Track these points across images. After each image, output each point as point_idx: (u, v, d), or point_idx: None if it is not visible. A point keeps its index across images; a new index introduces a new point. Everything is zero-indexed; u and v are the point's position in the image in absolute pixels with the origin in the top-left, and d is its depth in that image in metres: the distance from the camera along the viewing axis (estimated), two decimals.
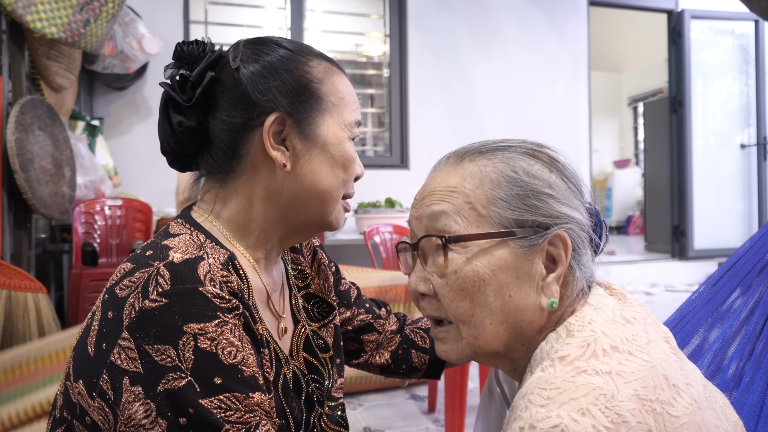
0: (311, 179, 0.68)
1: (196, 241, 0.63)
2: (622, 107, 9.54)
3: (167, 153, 0.70)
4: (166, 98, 0.68)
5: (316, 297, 0.83)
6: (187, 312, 0.54)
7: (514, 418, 0.50)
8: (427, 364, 0.91)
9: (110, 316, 0.56)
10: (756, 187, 5.05)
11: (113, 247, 3.03)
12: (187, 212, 0.70)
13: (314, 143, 0.68)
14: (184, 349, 0.53)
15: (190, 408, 0.52)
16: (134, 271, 0.58)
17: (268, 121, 0.65)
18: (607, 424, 0.45)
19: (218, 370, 0.54)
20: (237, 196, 0.68)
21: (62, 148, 2.48)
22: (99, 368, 0.55)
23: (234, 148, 0.67)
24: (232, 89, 0.66)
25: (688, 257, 4.91)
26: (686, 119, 4.89)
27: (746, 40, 5.10)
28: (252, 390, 0.56)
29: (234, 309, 0.58)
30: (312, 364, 0.75)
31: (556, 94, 4.66)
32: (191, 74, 0.66)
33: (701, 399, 0.54)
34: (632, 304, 0.61)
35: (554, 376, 0.50)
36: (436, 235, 0.60)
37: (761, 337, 1.02)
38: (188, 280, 0.56)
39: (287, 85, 0.67)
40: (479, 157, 0.62)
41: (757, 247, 1.15)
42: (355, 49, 4.90)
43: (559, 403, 0.47)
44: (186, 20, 3.87)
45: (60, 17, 2.30)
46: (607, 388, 0.47)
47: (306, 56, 0.69)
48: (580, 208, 0.61)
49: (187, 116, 0.66)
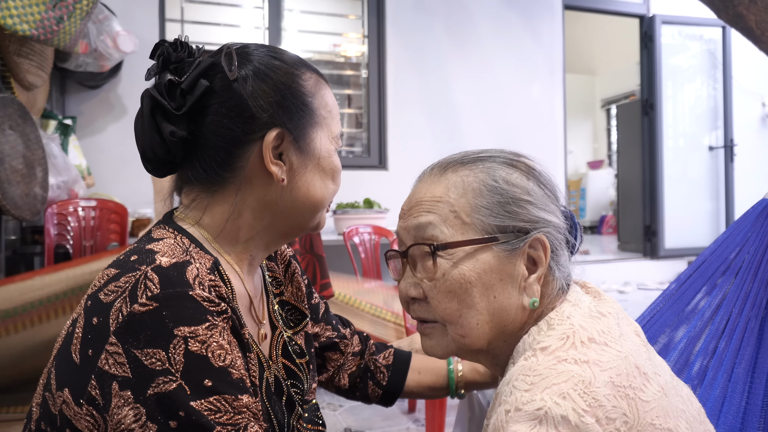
0: (305, 192, 0.69)
1: (182, 246, 0.62)
2: (595, 109, 9.72)
3: (150, 161, 0.68)
4: (152, 105, 0.64)
5: (289, 304, 0.84)
6: (177, 315, 0.54)
7: (499, 403, 0.53)
8: (380, 396, 0.93)
9: (95, 322, 0.56)
10: (723, 187, 5.21)
11: (87, 249, 2.98)
12: (169, 217, 0.70)
13: (309, 157, 0.69)
14: (174, 353, 0.53)
15: (181, 411, 0.53)
16: (119, 276, 0.57)
17: (269, 137, 0.65)
18: (584, 407, 0.49)
19: (208, 372, 0.54)
20: (225, 204, 0.67)
21: (34, 148, 2.43)
22: (86, 375, 0.55)
23: (229, 161, 0.66)
24: (228, 100, 0.65)
25: (659, 256, 5.04)
26: (657, 122, 5.02)
27: (714, 45, 5.25)
28: (240, 392, 0.56)
29: (223, 312, 0.58)
30: (290, 369, 0.76)
31: (532, 95, 4.73)
32: (180, 80, 0.64)
33: (669, 387, 0.59)
34: (606, 300, 0.65)
35: (537, 364, 0.54)
36: (424, 243, 0.63)
37: (723, 335, 1.07)
38: (178, 283, 0.56)
39: (287, 100, 0.67)
40: (461, 167, 0.65)
41: (721, 249, 1.20)
42: (333, 50, 4.89)
43: (542, 388, 0.51)
44: (162, 18, 3.82)
45: (32, 14, 2.26)
46: (585, 375, 0.52)
47: (299, 69, 0.70)
48: (556, 212, 0.66)
49: (178, 125, 0.64)
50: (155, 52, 0.66)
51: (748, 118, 5.42)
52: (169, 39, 0.67)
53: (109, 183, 3.55)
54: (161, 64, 0.65)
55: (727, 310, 1.11)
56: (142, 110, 0.66)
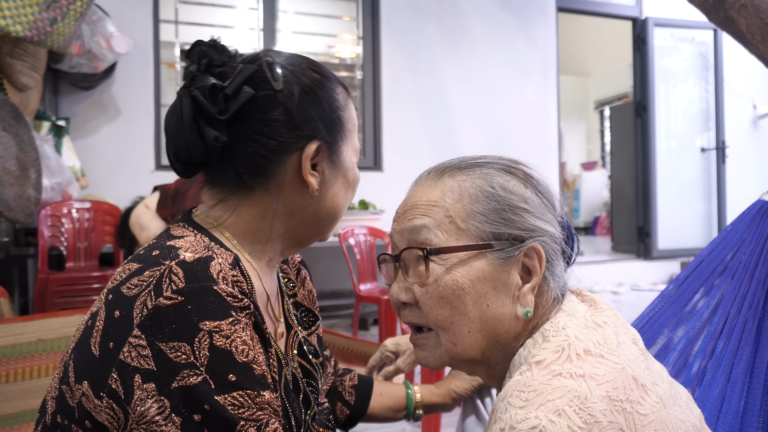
0: (333, 202, 0.71)
1: (202, 242, 0.63)
2: (589, 111, 9.78)
3: (183, 162, 0.67)
4: (194, 107, 0.64)
5: (302, 306, 0.85)
6: (202, 309, 0.55)
7: (495, 420, 0.52)
8: (346, 417, 0.95)
9: (117, 315, 0.56)
10: (716, 189, 5.25)
11: (81, 251, 2.96)
12: (188, 216, 0.70)
13: (339, 170, 0.71)
14: (199, 346, 0.54)
15: (206, 404, 0.53)
16: (143, 270, 0.58)
17: (310, 149, 0.67)
18: (580, 424, 0.48)
19: (232, 367, 0.55)
20: (252, 208, 0.68)
21: (27, 150, 2.42)
22: (107, 367, 0.55)
23: (267, 167, 0.66)
24: (272, 110, 0.65)
25: (652, 257, 5.07)
26: (650, 123, 5.05)
27: (706, 47, 5.29)
28: (262, 388, 0.57)
29: (246, 308, 0.59)
30: (305, 368, 0.77)
31: (526, 97, 4.75)
32: (224, 85, 0.64)
33: (667, 396, 0.58)
34: (602, 309, 0.64)
35: (532, 379, 0.53)
36: (417, 247, 0.62)
37: (722, 336, 1.08)
38: (202, 278, 0.57)
39: (326, 114, 0.68)
40: (458, 172, 0.64)
41: (717, 250, 1.21)
42: (328, 51, 4.89)
43: (536, 405, 0.50)
44: (156, 19, 3.80)
45: (25, 15, 2.24)
46: (581, 390, 0.50)
47: (333, 82, 0.71)
48: (553, 221, 0.65)
49: (220, 130, 0.64)
50: (192, 52, 0.66)
51: (739, 120, 5.47)
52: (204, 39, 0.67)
53: (103, 184, 3.53)
54: (204, 67, 0.65)
55: (724, 311, 1.12)
56: (181, 111, 0.65)
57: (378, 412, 0.96)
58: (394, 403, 0.97)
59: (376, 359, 1.05)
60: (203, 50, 0.65)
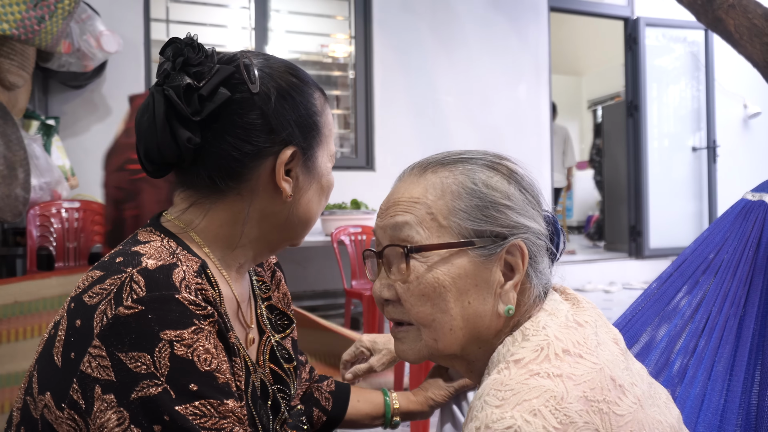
0: (306, 208, 0.70)
1: (168, 248, 0.62)
2: (582, 110, 9.80)
3: (154, 162, 0.65)
4: (167, 106, 0.62)
5: (276, 309, 0.84)
6: (163, 318, 0.54)
7: (471, 418, 0.52)
8: (323, 423, 0.94)
9: (78, 324, 0.55)
10: (707, 188, 5.28)
11: (70, 251, 2.94)
12: (156, 220, 0.69)
13: (313, 176, 0.70)
14: (160, 356, 0.53)
15: (165, 415, 0.52)
16: (104, 278, 0.57)
17: (285, 154, 0.66)
18: (556, 425, 0.48)
19: (194, 376, 0.54)
20: (224, 212, 0.67)
21: (15, 149, 2.40)
22: (68, 378, 0.54)
23: (240, 171, 0.65)
24: (248, 113, 0.64)
25: (644, 256, 5.09)
26: (642, 123, 5.07)
27: (697, 47, 5.32)
28: (226, 397, 0.56)
29: (209, 316, 0.58)
30: (277, 374, 0.76)
31: (519, 96, 4.75)
32: (199, 85, 0.62)
33: (645, 397, 0.58)
34: (584, 308, 0.64)
35: (509, 378, 0.53)
36: (399, 244, 0.62)
37: (703, 334, 1.09)
38: (164, 286, 0.55)
39: (302, 118, 0.67)
40: (441, 168, 0.64)
41: (701, 248, 1.22)
42: (321, 50, 4.88)
43: (512, 405, 0.49)
44: (146, 18, 3.78)
45: (12, 13, 2.23)
46: (558, 391, 0.50)
47: (310, 86, 0.70)
48: (537, 218, 0.64)
49: (193, 131, 0.63)
50: (167, 49, 0.63)
51: (730, 120, 5.50)
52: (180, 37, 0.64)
53: (93, 184, 3.50)
54: (180, 65, 0.62)
55: (707, 309, 1.13)
56: (154, 110, 0.62)
57: (355, 418, 0.95)
58: (371, 410, 0.96)
59: (350, 354, 1.04)
60: (179, 48, 0.63)
